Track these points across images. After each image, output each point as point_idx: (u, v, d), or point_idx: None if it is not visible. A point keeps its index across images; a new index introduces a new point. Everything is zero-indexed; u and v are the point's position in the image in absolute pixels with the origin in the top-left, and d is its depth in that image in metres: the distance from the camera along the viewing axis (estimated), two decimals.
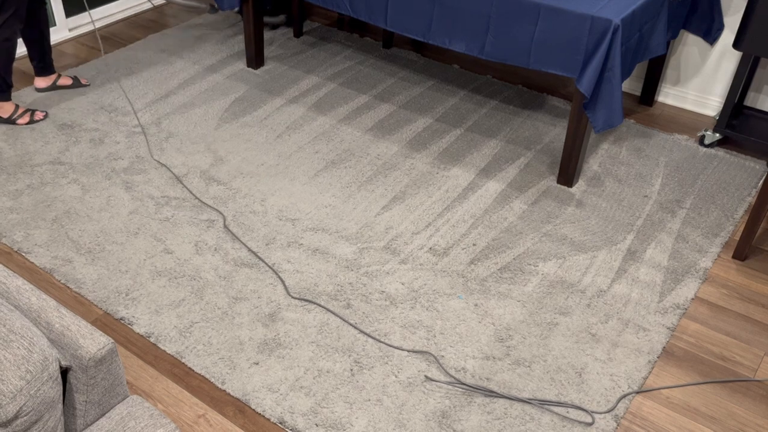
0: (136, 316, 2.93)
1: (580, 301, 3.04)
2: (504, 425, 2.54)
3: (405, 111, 4.27)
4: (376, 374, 2.71)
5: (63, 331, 1.81)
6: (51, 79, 4.32)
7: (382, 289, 3.06)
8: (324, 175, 3.72)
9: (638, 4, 3.22)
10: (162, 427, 1.88)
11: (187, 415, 2.59)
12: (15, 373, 1.59)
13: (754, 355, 2.85)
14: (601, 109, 3.28)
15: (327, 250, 3.25)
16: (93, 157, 3.79)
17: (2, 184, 3.58)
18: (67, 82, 4.36)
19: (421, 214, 3.48)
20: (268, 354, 2.78)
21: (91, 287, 3.05)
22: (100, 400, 1.88)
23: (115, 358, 1.85)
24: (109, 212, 3.43)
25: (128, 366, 2.75)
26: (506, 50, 3.40)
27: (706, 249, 3.31)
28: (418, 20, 3.61)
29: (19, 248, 3.22)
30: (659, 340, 2.88)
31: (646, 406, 2.64)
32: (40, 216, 3.39)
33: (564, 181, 3.68)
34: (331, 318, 2.92)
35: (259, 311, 2.95)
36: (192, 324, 2.89)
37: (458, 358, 2.77)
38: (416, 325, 2.90)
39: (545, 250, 3.29)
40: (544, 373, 2.73)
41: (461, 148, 3.95)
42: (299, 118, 4.16)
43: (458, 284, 3.10)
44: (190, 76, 4.56)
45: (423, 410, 2.58)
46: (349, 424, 2.53)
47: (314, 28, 5.23)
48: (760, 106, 4.12)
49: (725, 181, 3.74)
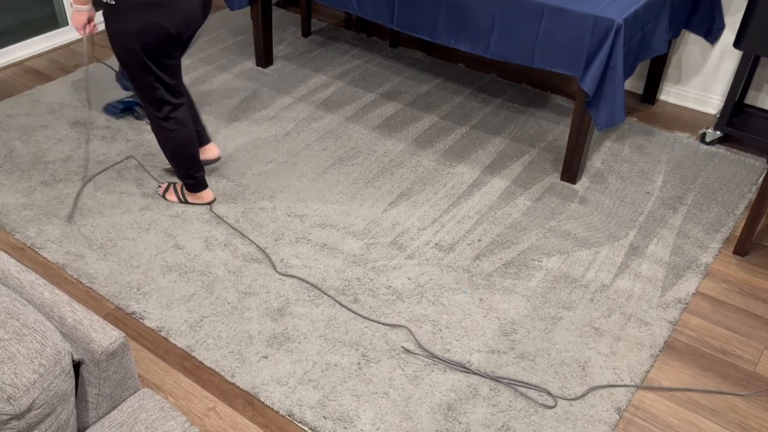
0: (147, 310, 2.96)
1: (584, 296, 3.07)
2: (509, 417, 2.57)
3: (411, 109, 4.30)
4: (383, 368, 2.74)
5: (75, 325, 1.82)
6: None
7: (388, 284, 3.10)
8: (332, 172, 3.76)
9: (640, 4, 3.24)
10: (173, 419, 1.88)
11: (197, 407, 2.61)
12: (28, 366, 1.60)
13: (754, 349, 2.88)
14: (604, 107, 3.30)
15: (335, 245, 3.29)
16: (104, 154, 3.83)
17: (16, 180, 3.63)
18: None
19: (427, 210, 3.52)
20: (277, 348, 2.81)
21: (103, 282, 3.08)
22: (111, 393, 1.89)
23: (127, 351, 1.86)
24: (121, 208, 3.47)
25: (139, 359, 2.77)
26: (510, 49, 3.42)
27: (707, 245, 3.34)
28: (424, 20, 3.63)
29: (32, 244, 3.27)
30: (661, 334, 2.91)
31: (648, 398, 2.66)
32: (53, 212, 3.44)
33: (567, 178, 3.71)
34: (338, 312, 2.96)
35: (268, 306, 2.99)
36: (202, 318, 2.93)
37: (464, 352, 2.80)
38: (422, 320, 2.94)
39: (549, 245, 3.32)
40: (548, 367, 2.76)
41: (466, 145, 3.99)
42: (307, 116, 4.20)
43: (464, 279, 3.14)
44: (201, 74, 4.60)
45: (429, 403, 2.61)
46: (357, 417, 2.56)
47: (322, 27, 5.26)
48: (760, 104, 4.14)
49: (726, 178, 3.77)
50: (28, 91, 4.38)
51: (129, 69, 3.03)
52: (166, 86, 3.11)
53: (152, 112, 3.17)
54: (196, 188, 3.46)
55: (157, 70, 3.03)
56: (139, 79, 3.05)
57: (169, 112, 3.18)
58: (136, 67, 3.00)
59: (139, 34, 2.88)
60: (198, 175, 3.41)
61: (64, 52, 4.83)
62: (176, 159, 3.33)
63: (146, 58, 2.97)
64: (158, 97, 3.12)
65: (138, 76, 3.04)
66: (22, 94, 4.34)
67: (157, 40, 2.92)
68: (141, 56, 2.96)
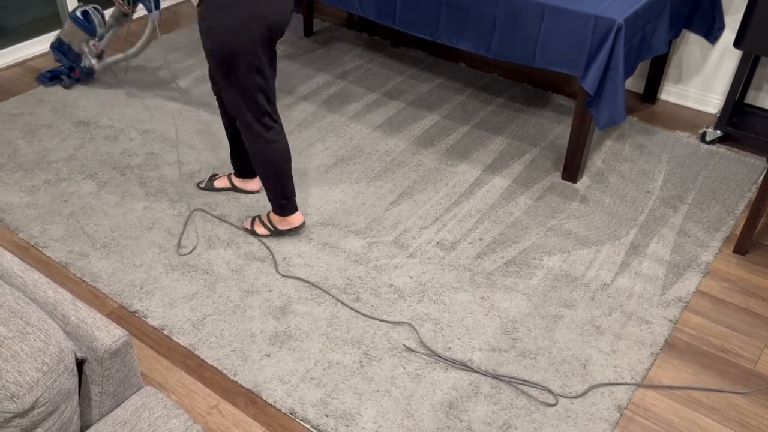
0: (150, 309, 2.97)
1: (584, 295, 3.08)
2: (510, 415, 2.58)
3: (413, 108, 4.31)
4: (385, 366, 2.75)
5: (79, 323, 1.83)
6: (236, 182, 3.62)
7: (390, 283, 3.11)
8: (334, 171, 3.77)
9: (641, 4, 3.25)
10: (175, 417, 1.89)
11: (199, 405, 2.62)
12: (32, 364, 1.60)
13: (754, 347, 2.88)
14: (605, 106, 3.30)
15: (337, 244, 3.30)
16: (108, 153, 3.85)
17: (20, 180, 3.64)
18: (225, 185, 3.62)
19: (428, 209, 3.53)
20: (279, 346, 2.82)
21: (106, 281, 3.10)
22: (114, 391, 1.89)
23: (130, 350, 1.87)
24: (124, 208, 3.49)
25: (142, 358, 2.78)
26: (512, 49, 3.43)
27: (707, 243, 3.35)
28: (426, 19, 3.64)
29: (36, 243, 3.28)
30: (662, 332, 2.92)
31: (649, 396, 2.67)
32: (57, 211, 3.45)
33: (568, 177, 3.72)
34: (340, 311, 2.97)
35: (270, 304, 3.00)
36: (205, 317, 2.94)
37: (465, 350, 2.82)
38: (424, 318, 2.95)
39: (550, 244, 3.33)
40: (549, 365, 2.77)
41: (468, 144, 4.00)
42: (310, 116, 4.21)
43: (465, 278, 3.15)
44: (203, 74, 4.61)
45: (431, 401, 2.62)
46: (359, 415, 2.57)
47: (324, 27, 5.27)
48: (760, 103, 4.15)
49: (726, 177, 3.78)
50: (31, 90, 4.40)
51: (232, 72, 2.80)
52: (267, 90, 2.89)
53: (251, 121, 2.93)
54: (288, 210, 3.22)
55: (264, 69, 2.82)
56: (244, 80, 2.81)
57: (270, 121, 2.96)
58: (242, 68, 2.78)
59: (244, 29, 2.68)
60: (292, 195, 3.19)
61: None
62: (274, 175, 3.08)
63: (252, 56, 2.75)
64: (260, 103, 2.88)
65: (243, 76, 2.80)
66: (25, 94, 4.35)
67: (262, 33, 2.72)
68: (247, 53, 2.74)
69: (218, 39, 2.73)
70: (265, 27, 2.72)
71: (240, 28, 2.68)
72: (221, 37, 2.71)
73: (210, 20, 2.72)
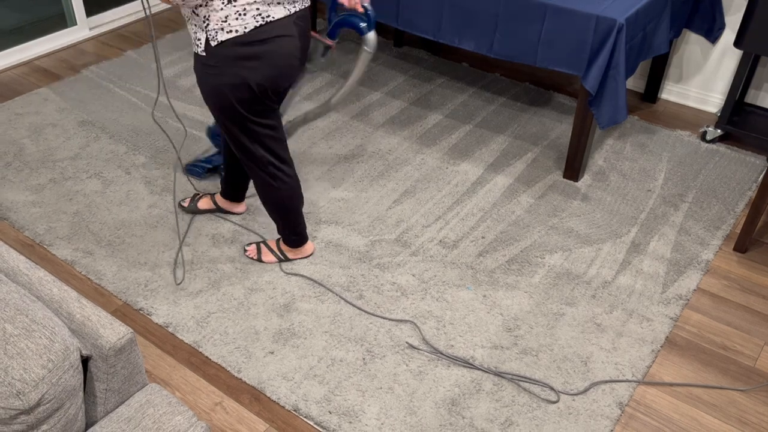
0: (154, 306, 2.99)
1: (586, 292, 3.09)
2: (512, 412, 2.59)
3: (416, 107, 4.33)
4: (388, 363, 2.76)
5: (84, 321, 1.83)
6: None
7: (393, 281, 3.13)
8: (337, 170, 3.79)
9: (642, 3, 3.26)
10: (180, 414, 1.89)
11: (204, 402, 2.64)
12: (37, 362, 1.60)
13: (754, 344, 2.90)
14: (606, 105, 3.31)
15: (340, 242, 3.32)
16: (113, 152, 3.87)
17: (25, 178, 3.66)
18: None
19: (431, 207, 3.55)
20: (283, 343, 2.84)
21: (111, 279, 3.12)
22: (119, 389, 1.90)
23: (134, 347, 1.87)
24: (129, 206, 3.50)
25: (147, 355, 2.80)
26: (514, 49, 3.44)
27: (707, 242, 3.37)
28: (429, 19, 3.65)
29: (41, 241, 3.30)
30: (662, 330, 2.93)
31: (650, 393, 2.68)
32: (62, 209, 3.47)
33: (570, 175, 3.73)
34: (343, 308, 2.99)
35: (274, 302, 3.01)
36: (209, 314, 2.95)
37: (467, 348, 2.83)
38: (426, 316, 2.96)
39: (552, 242, 3.35)
40: (550, 362, 2.79)
41: (470, 143, 4.01)
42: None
43: (467, 276, 3.16)
44: None
45: (433, 398, 2.64)
46: (362, 412, 2.58)
47: (326, 27, 5.28)
48: (760, 103, 4.16)
49: (726, 176, 3.79)
50: (37, 89, 4.41)
51: (226, 127, 2.74)
52: (267, 141, 2.79)
53: (254, 170, 2.87)
54: (299, 243, 3.17)
55: (260, 123, 2.72)
56: (241, 135, 2.74)
57: (274, 170, 2.87)
58: (234, 125, 2.71)
59: (233, 91, 2.58)
60: (303, 230, 3.14)
61: (73, 52, 4.86)
62: (284, 216, 3.03)
63: (241, 116, 2.67)
64: (259, 156, 2.80)
65: (235, 134, 2.75)
66: (31, 93, 4.37)
67: (251, 97, 2.60)
68: (238, 113, 2.66)
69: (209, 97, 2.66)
70: (257, 91, 2.59)
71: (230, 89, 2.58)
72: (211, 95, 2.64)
73: (202, 79, 2.63)
